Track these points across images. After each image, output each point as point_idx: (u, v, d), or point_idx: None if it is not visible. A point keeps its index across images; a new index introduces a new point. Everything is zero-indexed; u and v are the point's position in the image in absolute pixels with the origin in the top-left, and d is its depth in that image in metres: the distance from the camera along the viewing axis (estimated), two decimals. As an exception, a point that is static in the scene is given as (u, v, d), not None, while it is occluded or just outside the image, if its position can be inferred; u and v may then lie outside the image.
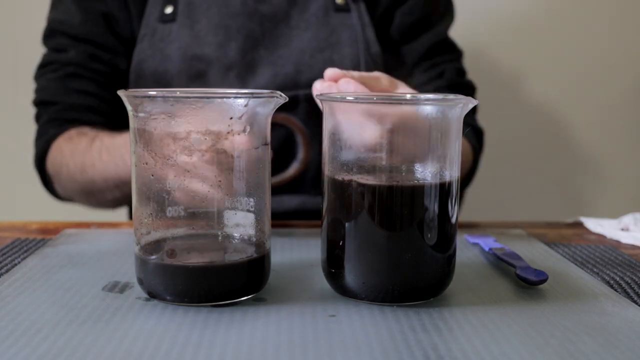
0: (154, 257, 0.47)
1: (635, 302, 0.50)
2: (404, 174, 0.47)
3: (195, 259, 0.47)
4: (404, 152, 0.46)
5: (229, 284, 0.47)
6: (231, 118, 0.46)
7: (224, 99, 0.46)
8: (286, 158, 0.80)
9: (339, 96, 0.47)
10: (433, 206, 0.46)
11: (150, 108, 0.45)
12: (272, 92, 0.47)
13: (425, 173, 0.47)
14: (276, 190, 0.86)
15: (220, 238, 0.48)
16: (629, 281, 0.55)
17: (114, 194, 0.82)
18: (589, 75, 1.40)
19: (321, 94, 0.49)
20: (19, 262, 0.57)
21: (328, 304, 0.47)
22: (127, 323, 0.43)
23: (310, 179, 0.87)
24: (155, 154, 0.46)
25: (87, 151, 0.81)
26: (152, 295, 0.47)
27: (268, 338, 0.41)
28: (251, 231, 0.48)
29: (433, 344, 0.41)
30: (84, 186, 0.83)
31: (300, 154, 0.76)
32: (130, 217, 0.97)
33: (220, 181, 0.46)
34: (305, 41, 0.88)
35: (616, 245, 0.68)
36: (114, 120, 0.89)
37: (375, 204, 0.46)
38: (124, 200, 0.86)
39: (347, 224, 0.47)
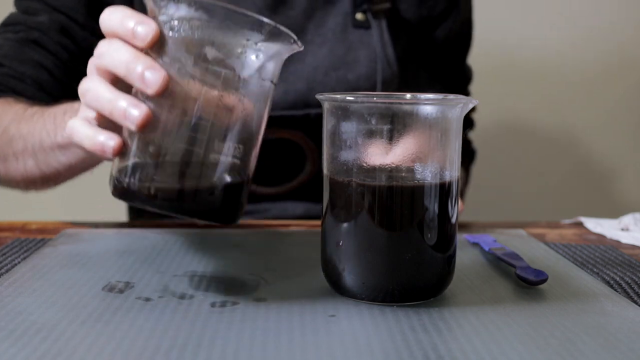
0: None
1: (635, 302, 0.50)
2: (404, 174, 0.47)
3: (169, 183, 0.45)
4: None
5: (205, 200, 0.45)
6: (248, 40, 0.45)
7: (249, 19, 0.45)
8: (294, 169, 0.80)
9: (339, 96, 0.47)
10: (433, 206, 0.46)
11: (172, 12, 0.45)
12: (293, 40, 0.47)
13: (425, 173, 0.47)
14: (282, 197, 0.87)
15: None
16: (629, 281, 0.55)
17: (26, 164, 0.70)
18: (591, 75, 1.40)
19: (321, 94, 0.49)
20: (19, 262, 0.57)
21: (328, 304, 0.47)
22: (127, 323, 0.43)
23: (316, 188, 0.87)
24: (166, 59, 0.45)
25: (18, 112, 0.71)
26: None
27: (268, 338, 0.41)
28: (235, 160, 0.46)
29: (433, 344, 0.41)
30: (2, 148, 0.72)
31: (308, 167, 0.78)
32: (131, 216, 0.97)
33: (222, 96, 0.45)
34: (319, 58, 0.83)
35: (616, 245, 0.68)
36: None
37: (375, 204, 0.46)
38: (36, 179, 0.73)
39: (347, 224, 0.47)
